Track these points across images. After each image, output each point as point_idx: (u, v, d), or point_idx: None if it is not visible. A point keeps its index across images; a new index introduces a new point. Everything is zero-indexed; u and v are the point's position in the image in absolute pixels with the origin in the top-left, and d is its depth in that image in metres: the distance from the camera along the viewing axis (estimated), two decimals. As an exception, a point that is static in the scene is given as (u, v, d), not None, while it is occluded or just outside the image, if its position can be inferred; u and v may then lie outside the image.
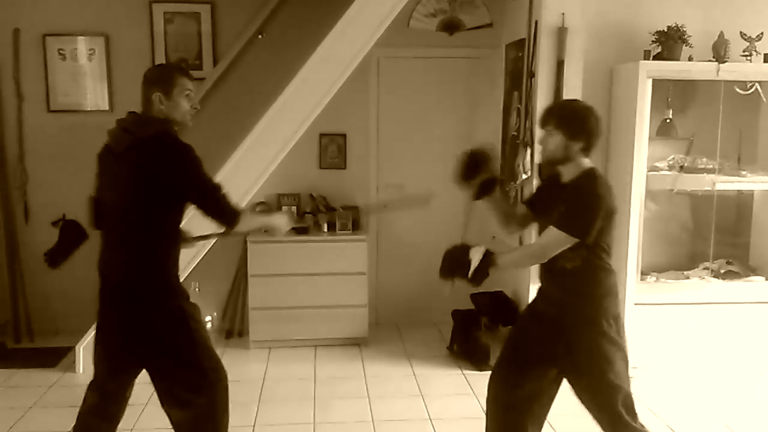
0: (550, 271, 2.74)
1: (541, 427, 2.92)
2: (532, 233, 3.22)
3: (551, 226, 2.60)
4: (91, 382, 2.89)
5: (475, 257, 2.63)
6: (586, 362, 2.68)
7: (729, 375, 4.56)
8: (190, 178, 2.64)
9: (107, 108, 5.19)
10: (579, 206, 2.59)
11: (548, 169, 4.39)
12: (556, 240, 2.58)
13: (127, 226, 2.71)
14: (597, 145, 2.71)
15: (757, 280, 4.75)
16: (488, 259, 2.63)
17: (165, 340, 2.73)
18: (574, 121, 2.64)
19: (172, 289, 2.74)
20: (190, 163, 2.64)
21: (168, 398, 2.84)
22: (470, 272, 2.62)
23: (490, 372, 2.92)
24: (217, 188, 2.71)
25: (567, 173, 2.71)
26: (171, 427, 3.83)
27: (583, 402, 2.77)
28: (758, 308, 4.67)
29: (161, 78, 2.79)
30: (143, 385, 4.34)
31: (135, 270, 2.71)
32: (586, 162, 2.70)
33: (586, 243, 2.59)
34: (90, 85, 5.17)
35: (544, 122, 2.69)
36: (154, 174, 2.61)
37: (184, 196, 2.68)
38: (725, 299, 4.66)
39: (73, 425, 2.89)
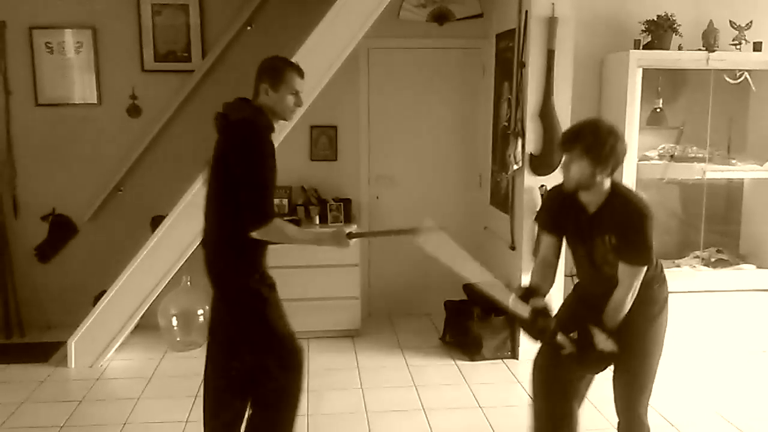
0: (602, 284, 2.72)
1: (582, 401, 2.95)
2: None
3: (625, 265, 2.60)
4: None
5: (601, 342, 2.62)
6: (636, 342, 2.70)
7: (720, 363, 4.59)
8: (245, 163, 2.73)
9: (95, 101, 5.15)
10: (639, 239, 2.57)
11: (541, 164, 4.44)
12: (636, 276, 2.60)
13: (215, 205, 2.87)
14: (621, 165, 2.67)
15: (747, 268, 4.78)
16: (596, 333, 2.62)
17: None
18: (602, 147, 2.53)
19: (251, 271, 2.90)
20: (253, 150, 2.74)
21: None
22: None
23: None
24: (263, 185, 2.76)
25: (592, 198, 2.64)
26: (163, 421, 3.85)
27: (630, 387, 2.80)
28: (748, 296, 4.70)
29: (272, 71, 2.89)
30: (136, 380, 4.35)
31: (219, 248, 2.90)
32: (608, 182, 2.63)
33: None
34: (78, 79, 5.13)
35: (569, 147, 2.58)
36: (227, 154, 2.77)
37: (235, 177, 2.73)
38: (716, 287, 4.69)
39: None
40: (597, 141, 2.53)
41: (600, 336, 2.60)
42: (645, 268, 2.61)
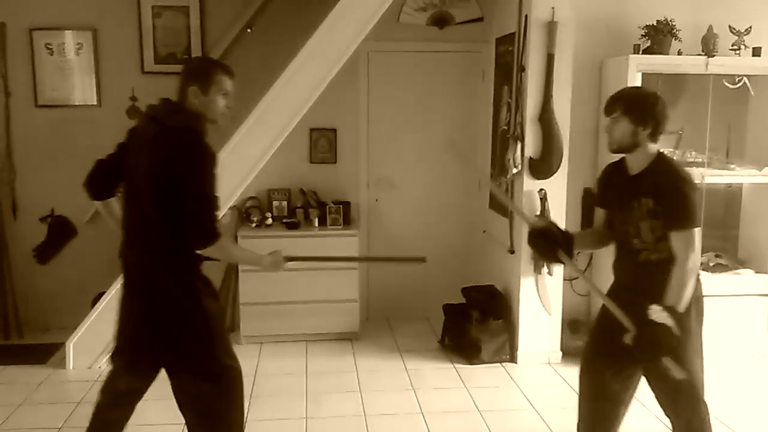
0: (632, 263, 2.73)
1: (629, 406, 2.96)
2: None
3: (674, 233, 2.55)
4: None
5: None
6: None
7: (719, 367, 4.59)
8: (191, 177, 2.58)
9: (95, 103, 5.15)
10: (681, 197, 2.57)
11: (541, 168, 4.43)
12: (689, 244, 2.54)
13: (147, 214, 2.68)
14: (663, 132, 2.72)
15: (745, 273, 4.78)
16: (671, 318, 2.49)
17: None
18: (642, 107, 2.66)
19: (192, 282, 2.72)
20: (200, 164, 2.59)
21: None
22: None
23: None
24: (210, 202, 2.62)
25: (635, 161, 2.72)
26: (161, 423, 3.83)
27: (664, 393, 2.77)
28: (747, 300, 4.70)
29: (201, 73, 2.73)
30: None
31: (154, 260, 2.70)
32: (653, 148, 2.70)
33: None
34: (78, 80, 5.13)
35: (611, 109, 2.71)
36: (168, 165, 2.57)
37: (179, 192, 2.58)
38: (714, 292, 4.66)
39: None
40: (636, 100, 2.66)
41: (655, 308, 2.46)
42: (697, 232, 2.55)
